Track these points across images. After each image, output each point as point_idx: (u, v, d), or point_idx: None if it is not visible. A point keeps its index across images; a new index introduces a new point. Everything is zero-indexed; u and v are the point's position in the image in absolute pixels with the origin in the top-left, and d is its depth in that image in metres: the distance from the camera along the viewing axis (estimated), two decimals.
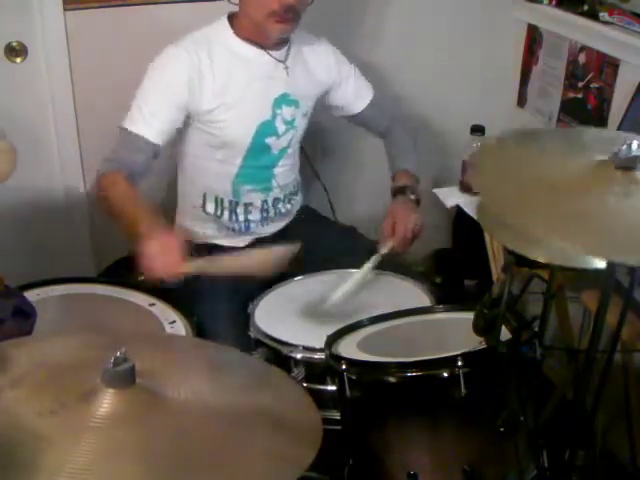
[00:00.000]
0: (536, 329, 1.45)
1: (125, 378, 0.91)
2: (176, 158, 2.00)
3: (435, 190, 2.29)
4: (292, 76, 1.92)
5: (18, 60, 2.17)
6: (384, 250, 1.84)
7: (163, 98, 1.82)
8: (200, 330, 1.68)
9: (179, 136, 1.92)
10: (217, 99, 1.84)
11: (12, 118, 2.10)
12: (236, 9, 1.86)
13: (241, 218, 2.00)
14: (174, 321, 1.68)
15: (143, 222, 1.64)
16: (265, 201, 2.00)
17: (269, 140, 1.92)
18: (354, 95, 2.09)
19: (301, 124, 1.98)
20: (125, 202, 1.74)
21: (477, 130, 2.17)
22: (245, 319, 1.76)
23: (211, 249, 1.99)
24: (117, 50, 2.21)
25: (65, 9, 2.15)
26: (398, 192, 1.96)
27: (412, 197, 1.94)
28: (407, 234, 1.86)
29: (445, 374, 1.32)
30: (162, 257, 1.58)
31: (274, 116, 1.91)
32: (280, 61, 1.90)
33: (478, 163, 1.32)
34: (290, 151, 1.99)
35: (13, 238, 2.29)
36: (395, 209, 1.91)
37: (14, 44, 2.15)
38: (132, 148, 1.82)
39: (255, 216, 2.01)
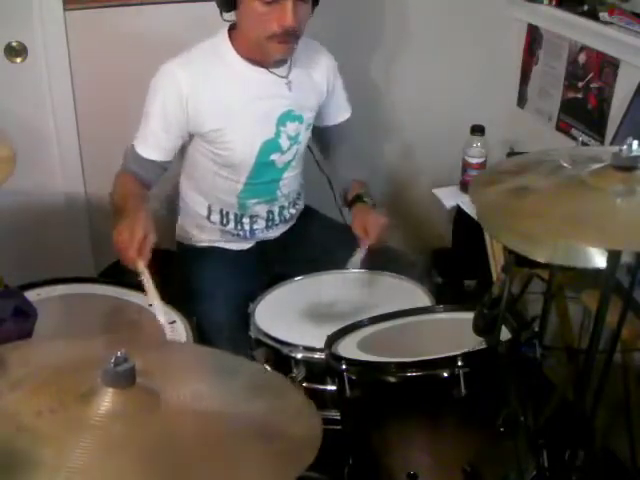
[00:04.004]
0: (536, 329, 1.45)
1: (125, 378, 0.91)
2: (181, 167, 2.00)
3: (435, 190, 2.29)
4: (295, 90, 1.90)
5: (18, 60, 2.17)
6: (363, 251, 1.88)
7: (163, 121, 1.82)
8: (200, 330, 1.68)
9: (185, 149, 1.92)
10: (219, 121, 1.83)
11: (12, 118, 2.10)
12: (234, 22, 1.84)
13: (247, 227, 2.00)
14: (174, 321, 1.68)
15: (126, 208, 1.71)
16: (271, 211, 2.01)
17: (274, 157, 1.92)
18: (337, 107, 2.09)
19: (305, 137, 1.97)
20: (122, 196, 1.80)
21: (477, 130, 2.18)
22: (245, 319, 1.76)
23: (215, 252, 1.99)
24: (117, 50, 2.21)
25: (65, 9, 2.15)
26: (355, 200, 1.99)
27: (369, 202, 1.98)
28: (380, 231, 1.90)
29: (445, 374, 1.32)
30: (124, 240, 1.61)
31: (278, 134, 1.89)
32: (282, 77, 1.88)
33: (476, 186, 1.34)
34: (294, 163, 1.98)
35: (13, 238, 2.29)
36: (360, 214, 1.94)
37: (14, 44, 2.15)
38: (140, 164, 1.86)
39: (260, 225, 2.01)
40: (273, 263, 2.02)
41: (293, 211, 2.08)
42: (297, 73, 1.91)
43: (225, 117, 1.83)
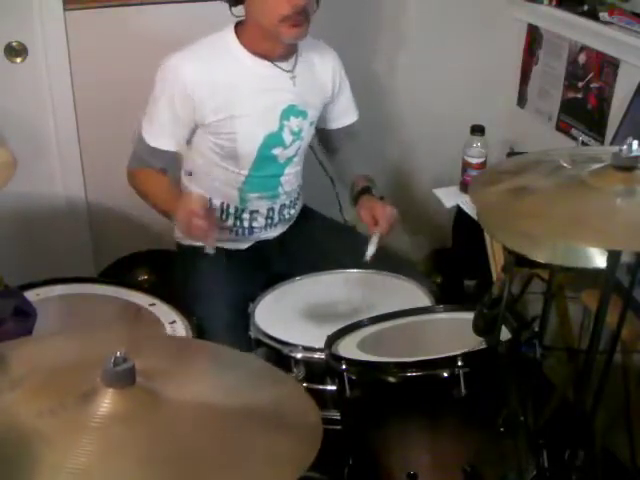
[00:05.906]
0: (536, 329, 1.45)
1: (125, 378, 0.91)
2: (182, 164, 2.00)
3: (435, 190, 2.29)
4: (299, 86, 1.90)
5: (18, 60, 2.17)
6: (376, 239, 1.85)
7: (169, 111, 1.83)
8: (200, 330, 1.68)
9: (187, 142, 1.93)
10: (222, 112, 1.83)
11: (12, 118, 2.10)
12: (242, 18, 1.84)
13: (245, 224, 2.00)
14: (174, 321, 1.68)
15: (172, 203, 1.80)
16: (271, 208, 2.00)
17: (276, 151, 1.91)
18: (342, 110, 2.08)
19: (308, 134, 1.97)
20: (158, 192, 1.89)
21: (477, 130, 2.17)
22: (245, 319, 1.76)
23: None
24: (117, 50, 2.22)
25: (65, 9, 2.15)
26: (363, 193, 1.97)
27: (376, 195, 1.96)
28: (389, 220, 1.88)
29: (445, 374, 1.32)
30: (191, 223, 1.70)
31: (281, 127, 1.89)
32: (287, 71, 1.88)
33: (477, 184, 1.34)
34: (296, 159, 1.98)
35: (13, 238, 2.30)
36: (367, 204, 1.91)
37: (14, 44, 2.15)
38: (151, 155, 1.88)
39: (259, 222, 2.01)
40: (272, 263, 2.02)
41: (293, 211, 2.07)
42: (302, 69, 1.91)
43: (229, 108, 1.83)
